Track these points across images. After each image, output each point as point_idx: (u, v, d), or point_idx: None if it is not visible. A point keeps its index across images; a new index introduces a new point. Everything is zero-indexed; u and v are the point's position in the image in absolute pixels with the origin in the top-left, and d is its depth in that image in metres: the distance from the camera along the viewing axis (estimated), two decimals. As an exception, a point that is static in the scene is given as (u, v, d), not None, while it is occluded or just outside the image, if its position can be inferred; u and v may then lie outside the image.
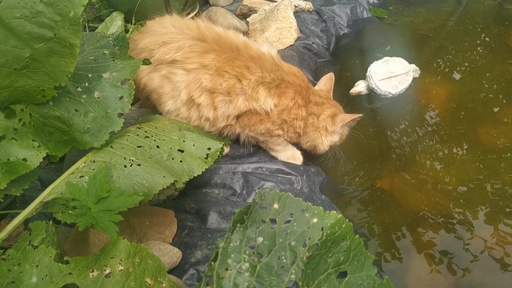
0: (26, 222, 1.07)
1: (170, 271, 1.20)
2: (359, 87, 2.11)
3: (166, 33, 1.42)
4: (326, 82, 1.65)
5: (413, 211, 1.59)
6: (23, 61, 0.93)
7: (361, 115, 1.55)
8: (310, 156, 1.68)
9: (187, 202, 1.41)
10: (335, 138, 1.57)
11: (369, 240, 1.51)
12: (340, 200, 1.63)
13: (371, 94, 2.11)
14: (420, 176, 1.71)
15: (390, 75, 2.05)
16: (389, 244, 1.50)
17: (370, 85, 2.07)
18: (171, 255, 1.21)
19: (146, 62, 1.19)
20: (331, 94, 1.65)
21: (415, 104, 2.05)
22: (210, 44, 1.39)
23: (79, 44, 0.94)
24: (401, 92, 2.06)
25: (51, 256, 0.91)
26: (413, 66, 2.14)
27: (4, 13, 0.89)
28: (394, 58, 2.12)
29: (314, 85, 1.67)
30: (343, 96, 1.99)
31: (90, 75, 1.10)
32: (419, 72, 2.18)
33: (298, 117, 1.47)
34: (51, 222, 0.99)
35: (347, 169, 1.74)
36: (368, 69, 2.09)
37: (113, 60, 1.15)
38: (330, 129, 1.54)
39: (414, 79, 2.12)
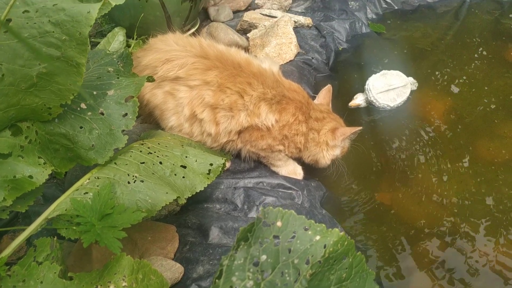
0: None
1: (172, 287, 1.21)
2: (358, 100, 2.14)
3: (169, 50, 1.44)
4: (325, 95, 1.67)
5: (413, 225, 1.60)
6: (31, 80, 0.95)
7: (361, 128, 1.56)
8: (311, 170, 1.69)
9: (188, 217, 1.42)
10: (337, 152, 1.58)
11: (369, 255, 1.51)
12: (341, 215, 1.64)
13: (370, 106, 2.13)
14: (420, 190, 1.72)
15: (388, 88, 2.08)
16: (390, 259, 1.50)
17: (369, 98, 2.09)
18: (173, 270, 1.21)
19: (150, 79, 1.21)
20: (330, 106, 1.67)
21: (414, 117, 2.07)
22: (212, 61, 1.41)
23: (85, 63, 0.96)
24: (399, 105, 2.08)
25: (55, 272, 0.92)
26: (411, 79, 2.17)
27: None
28: (392, 71, 2.15)
29: (314, 99, 1.69)
30: (342, 109, 2.01)
31: (95, 93, 1.11)
32: (416, 84, 2.20)
33: (298, 133, 1.49)
34: (55, 238, 1.00)
35: (347, 183, 1.75)
36: (367, 82, 2.12)
37: (118, 78, 1.17)
38: (331, 143, 1.55)
39: (412, 91, 2.14)
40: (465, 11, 2.93)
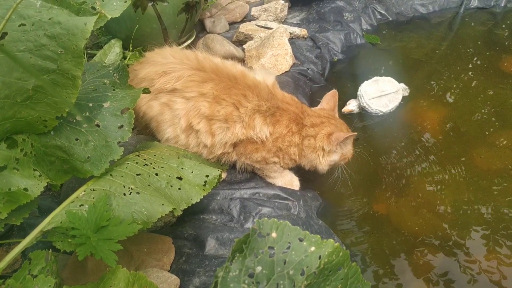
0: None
1: (168, 299, 1.20)
2: (351, 106, 2.16)
3: (166, 63, 1.45)
4: (329, 100, 1.65)
5: (409, 234, 1.60)
6: (26, 93, 0.95)
7: (356, 133, 1.54)
8: (308, 181, 1.69)
9: (184, 228, 1.42)
10: (334, 157, 1.54)
11: (366, 264, 1.51)
12: (337, 225, 1.64)
13: (363, 112, 2.15)
14: (416, 199, 1.72)
15: (381, 94, 2.10)
16: (387, 268, 1.50)
17: (362, 104, 2.11)
18: (169, 282, 1.20)
19: (146, 91, 1.22)
20: (335, 111, 1.64)
21: (409, 127, 2.08)
22: (208, 74, 1.42)
23: (81, 76, 0.97)
24: (391, 110, 2.10)
25: (50, 286, 0.91)
26: (402, 85, 2.19)
27: (9, 46, 0.91)
28: (384, 77, 2.18)
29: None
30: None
31: (91, 105, 1.12)
32: (408, 90, 2.23)
33: (292, 144, 1.49)
34: (50, 250, 0.99)
35: (343, 192, 1.75)
36: (359, 89, 2.14)
37: (114, 90, 1.18)
38: (327, 149, 1.51)
39: (403, 97, 2.17)
40: (459, 22, 2.96)
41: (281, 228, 0.75)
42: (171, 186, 1.15)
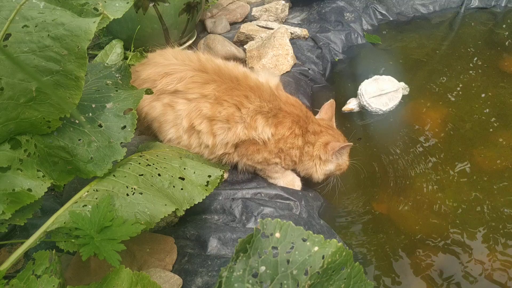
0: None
1: (171, 299, 1.20)
2: (351, 104, 2.17)
3: (168, 64, 1.46)
4: (327, 110, 1.68)
5: (410, 234, 1.60)
6: (30, 94, 0.96)
7: (352, 144, 1.56)
8: (309, 181, 1.69)
9: (187, 228, 1.42)
10: (330, 167, 1.58)
11: (367, 264, 1.51)
12: (338, 225, 1.64)
13: (363, 111, 2.16)
14: (417, 199, 1.72)
15: (381, 92, 2.11)
16: (388, 268, 1.50)
17: (362, 103, 2.12)
18: (171, 282, 1.21)
19: (148, 91, 1.22)
20: (333, 121, 1.67)
21: (410, 126, 2.08)
22: (210, 75, 1.43)
23: (84, 77, 0.97)
24: (391, 109, 2.11)
25: (54, 286, 0.92)
26: (402, 83, 2.20)
27: (13, 48, 0.92)
28: (383, 76, 2.18)
29: (311, 110, 1.70)
30: (336, 115, 2.01)
31: (93, 106, 1.12)
32: (408, 89, 2.24)
33: (294, 146, 1.50)
34: (54, 251, 1.00)
35: (344, 192, 1.75)
36: (359, 87, 2.15)
37: (116, 91, 1.18)
38: (323, 158, 1.55)
39: (404, 96, 2.18)
40: (459, 22, 2.97)
41: (285, 228, 0.76)
42: (174, 187, 1.15)
